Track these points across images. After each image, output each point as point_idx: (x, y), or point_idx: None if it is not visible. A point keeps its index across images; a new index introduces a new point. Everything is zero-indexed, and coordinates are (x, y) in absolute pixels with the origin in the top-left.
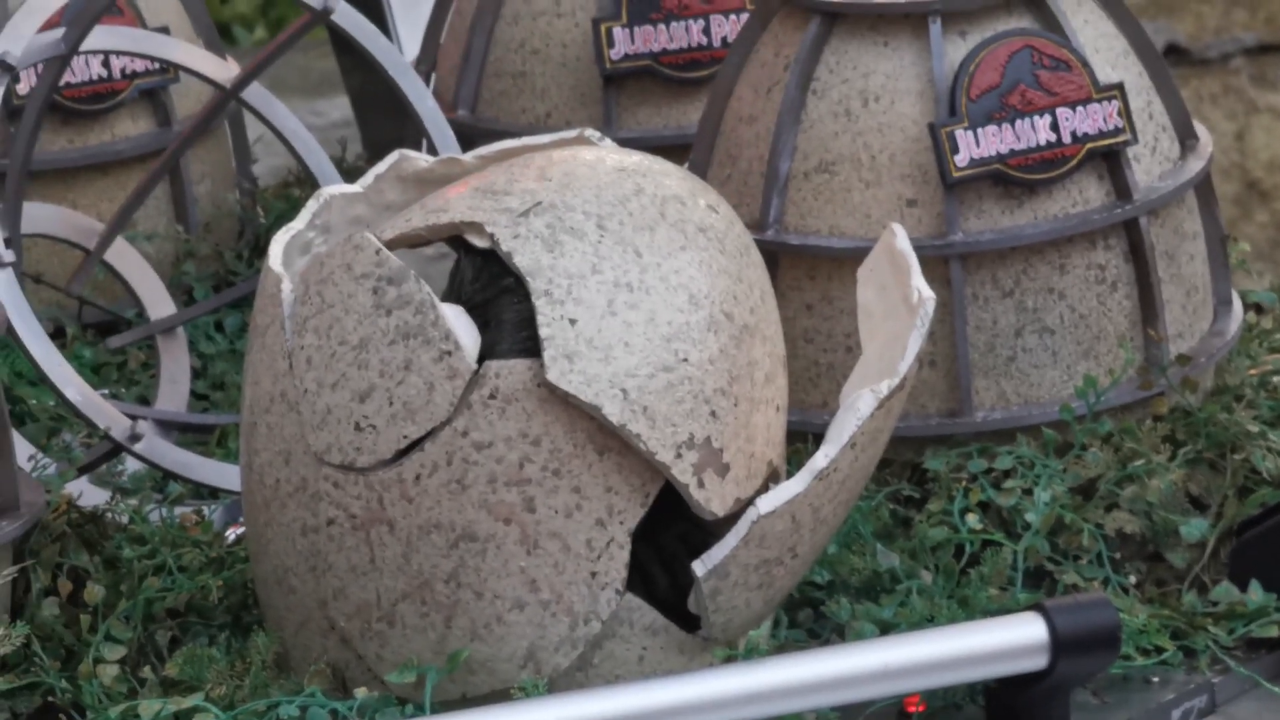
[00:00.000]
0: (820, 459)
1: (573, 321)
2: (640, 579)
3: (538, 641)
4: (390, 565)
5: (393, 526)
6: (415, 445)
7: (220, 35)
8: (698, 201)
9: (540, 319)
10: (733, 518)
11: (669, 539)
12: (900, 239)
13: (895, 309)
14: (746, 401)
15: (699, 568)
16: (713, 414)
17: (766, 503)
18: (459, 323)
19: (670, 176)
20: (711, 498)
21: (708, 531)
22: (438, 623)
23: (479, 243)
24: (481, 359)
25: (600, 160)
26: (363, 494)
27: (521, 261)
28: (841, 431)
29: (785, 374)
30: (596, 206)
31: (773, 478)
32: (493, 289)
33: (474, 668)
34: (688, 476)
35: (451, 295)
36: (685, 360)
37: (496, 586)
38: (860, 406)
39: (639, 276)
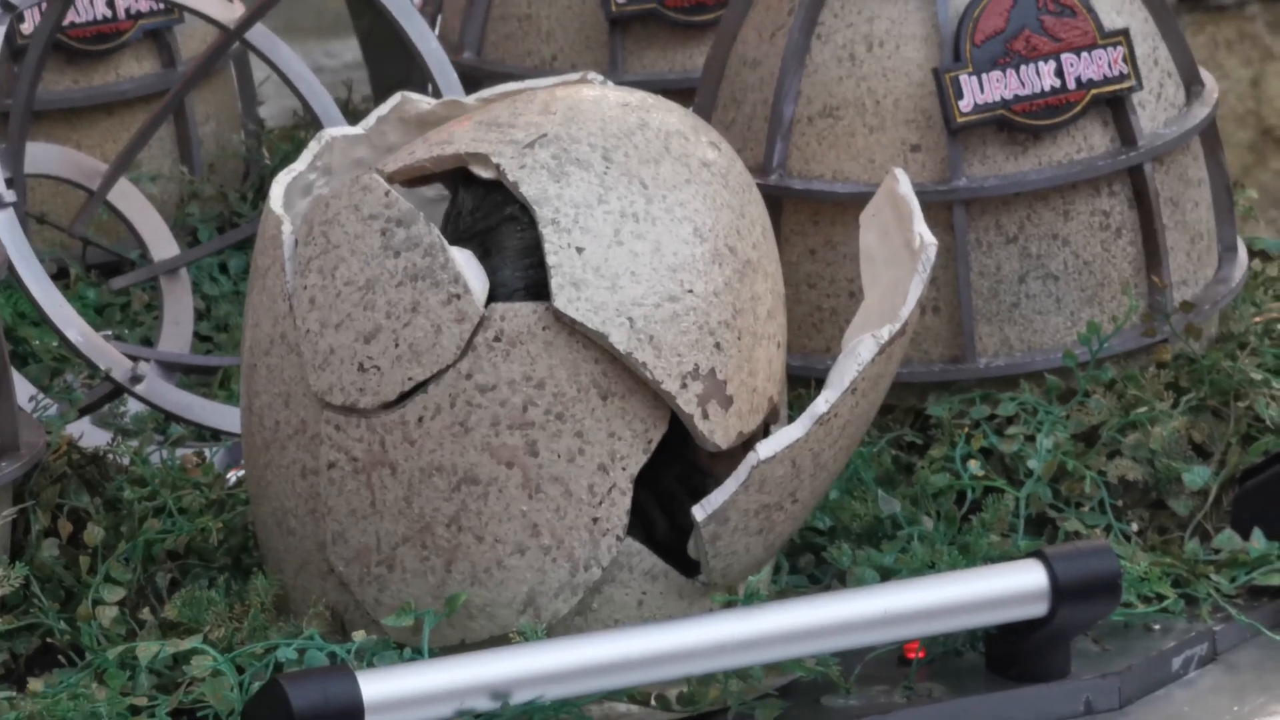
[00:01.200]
0: (820, 404)
1: (579, 250)
2: (639, 522)
3: (537, 587)
4: (391, 509)
5: (394, 469)
6: (419, 388)
7: None
8: (700, 138)
9: (547, 247)
10: (733, 460)
11: (668, 480)
12: (902, 184)
13: (897, 254)
14: (749, 335)
15: (698, 513)
16: (717, 346)
17: (766, 448)
18: (468, 266)
19: (673, 113)
20: (715, 429)
21: (706, 474)
22: (438, 567)
23: (484, 173)
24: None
25: (604, 96)
26: (364, 436)
27: (528, 191)
28: (842, 376)
29: (784, 312)
30: (602, 139)
31: (773, 415)
32: (495, 217)
33: (473, 612)
34: (693, 407)
35: (449, 227)
36: (690, 291)
37: (497, 530)
38: (861, 351)
39: (645, 208)
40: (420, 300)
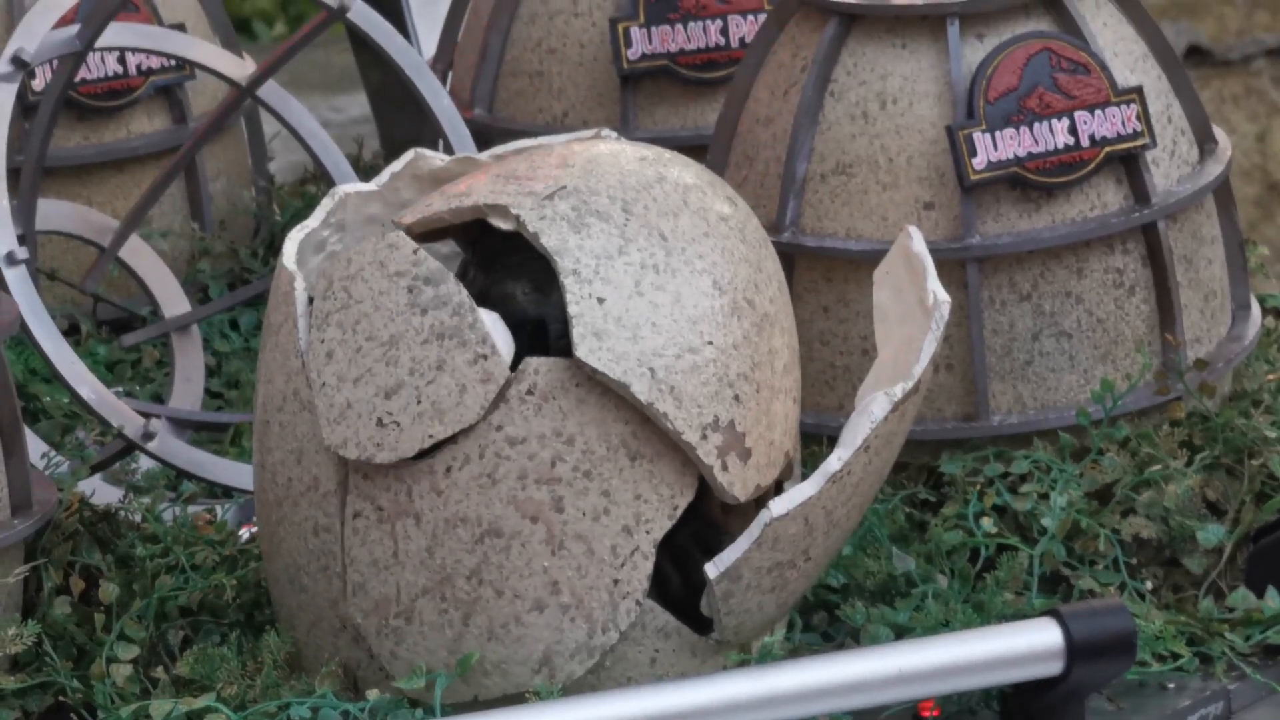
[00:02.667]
0: (834, 461)
1: (601, 300)
2: (653, 578)
3: (554, 646)
4: (413, 559)
5: (419, 519)
6: (438, 446)
7: (240, 30)
8: (716, 192)
9: (569, 297)
10: (746, 517)
11: (682, 537)
12: (916, 241)
13: (911, 312)
14: (767, 389)
15: (711, 570)
16: (736, 398)
17: (779, 505)
18: (496, 328)
19: (689, 168)
20: (735, 481)
21: (720, 530)
22: (455, 620)
23: (503, 224)
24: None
25: (621, 150)
26: (391, 485)
27: (548, 242)
28: (855, 434)
29: (799, 368)
30: (621, 192)
31: (788, 470)
32: (503, 284)
33: (488, 669)
34: (713, 458)
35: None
36: (710, 343)
37: (518, 585)
38: (874, 409)
39: (665, 259)
40: (446, 359)
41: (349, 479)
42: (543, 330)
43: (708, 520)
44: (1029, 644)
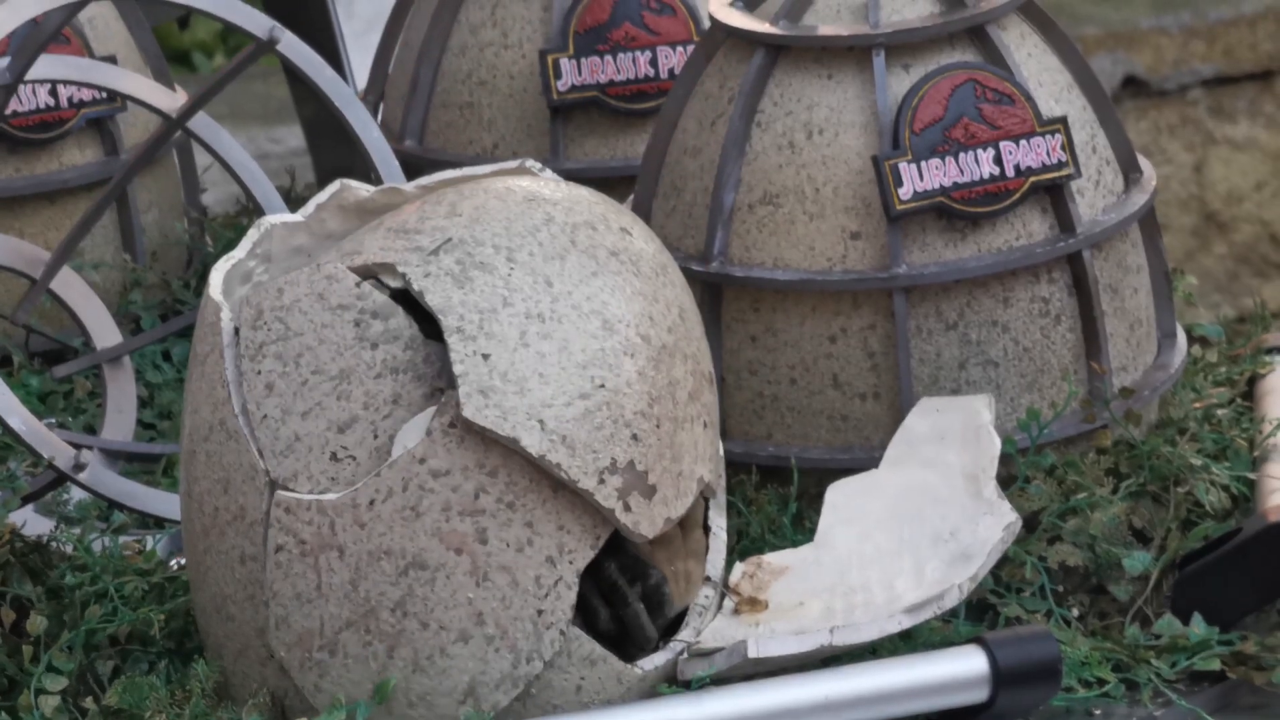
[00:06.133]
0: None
1: (485, 356)
2: (580, 610)
3: (479, 677)
4: (336, 592)
5: (342, 552)
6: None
7: (179, 62)
8: (610, 225)
9: (453, 356)
10: (670, 545)
11: (610, 570)
12: (987, 415)
13: (949, 473)
14: (669, 421)
15: (683, 670)
16: (634, 437)
17: (760, 647)
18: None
19: (580, 203)
20: (640, 520)
21: (647, 563)
22: (380, 652)
23: (392, 283)
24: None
25: (510, 191)
26: (314, 519)
27: (433, 300)
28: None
29: (714, 389)
30: (506, 239)
31: (707, 492)
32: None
33: (413, 700)
34: (612, 502)
35: None
36: (602, 386)
37: (443, 617)
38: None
39: (550, 306)
40: (402, 393)
41: (270, 512)
42: None
43: (632, 553)
44: (955, 671)
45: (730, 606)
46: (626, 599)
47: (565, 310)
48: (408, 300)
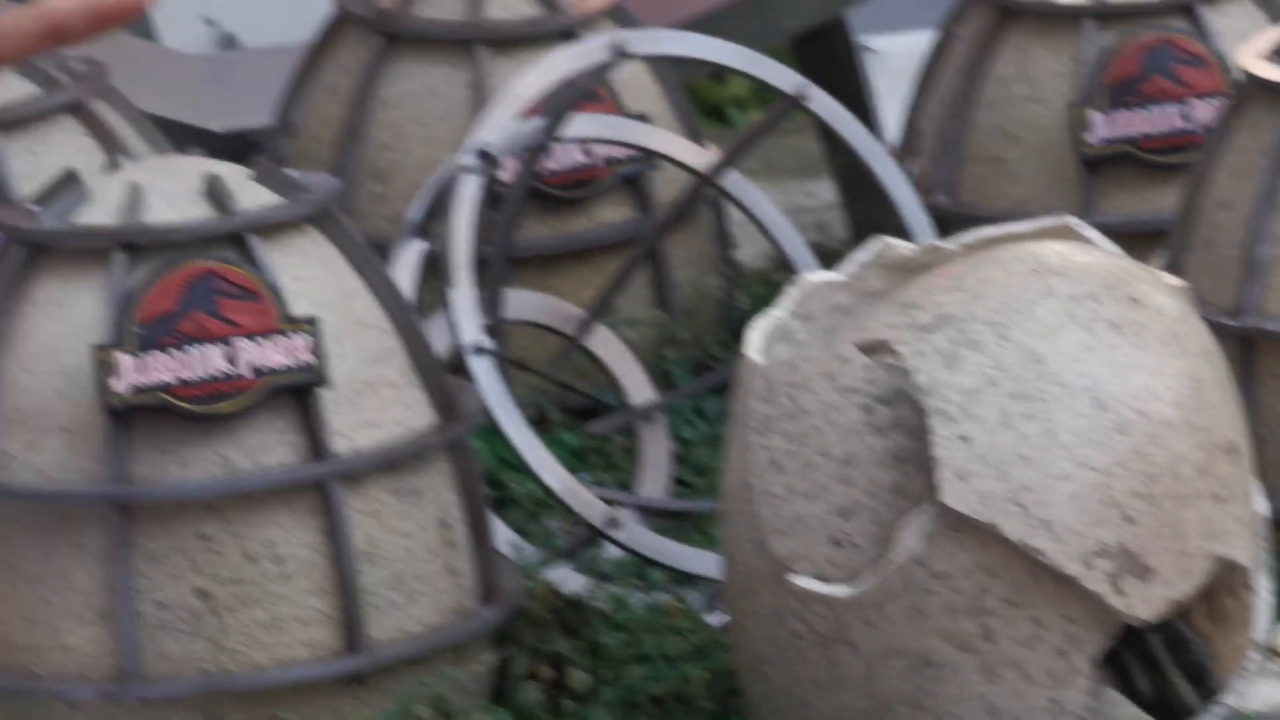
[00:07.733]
0: None
1: (965, 439)
2: (1121, 678)
3: None
4: (852, 684)
5: (854, 647)
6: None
7: (714, 117)
8: (1117, 295)
9: (934, 439)
10: (1228, 625)
11: (1154, 644)
12: None
13: None
14: (1169, 499)
15: None
16: (1126, 518)
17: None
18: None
19: (1090, 273)
20: (1134, 603)
21: (1190, 636)
22: None
23: (889, 360)
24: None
25: (1019, 261)
26: (824, 612)
27: (920, 379)
28: None
29: (1234, 458)
30: (1001, 315)
31: (1228, 571)
32: None
33: None
34: (1102, 585)
35: None
36: (1089, 466)
37: (957, 711)
38: None
39: (1037, 386)
40: (905, 482)
41: (785, 601)
42: None
43: (1183, 633)
44: None
45: (1277, 669)
46: (1165, 675)
47: (1053, 389)
48: None
